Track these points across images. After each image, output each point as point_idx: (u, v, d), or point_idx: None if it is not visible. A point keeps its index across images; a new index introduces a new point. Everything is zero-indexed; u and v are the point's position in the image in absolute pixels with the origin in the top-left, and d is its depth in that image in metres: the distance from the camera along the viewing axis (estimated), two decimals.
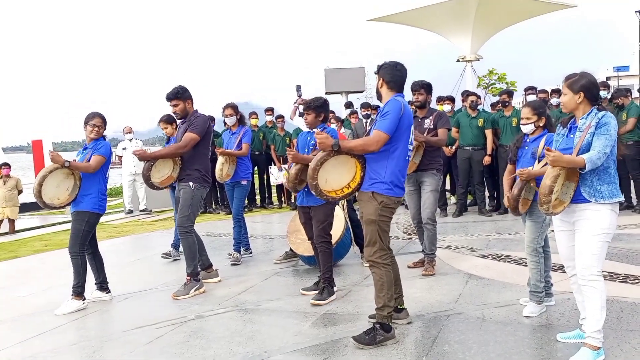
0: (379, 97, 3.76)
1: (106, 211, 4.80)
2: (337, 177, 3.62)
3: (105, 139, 4.92)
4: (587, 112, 3.18)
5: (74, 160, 4.82)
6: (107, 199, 5.48)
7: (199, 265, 5.25)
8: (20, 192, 10.36)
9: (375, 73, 3.77)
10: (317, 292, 4.67)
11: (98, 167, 4.75)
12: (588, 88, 3.16)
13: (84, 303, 4.79)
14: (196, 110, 5.14)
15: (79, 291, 4.77)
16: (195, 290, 4.97)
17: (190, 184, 5.00)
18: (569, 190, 3.17)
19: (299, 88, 6.31)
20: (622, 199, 3.18)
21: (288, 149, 4.75)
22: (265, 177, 10.57)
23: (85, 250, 4.81)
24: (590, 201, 3.12)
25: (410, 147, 3.67)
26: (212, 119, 9.34)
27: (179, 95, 5.04)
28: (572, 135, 3.23)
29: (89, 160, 4.74)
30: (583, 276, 3.17)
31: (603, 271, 4.80)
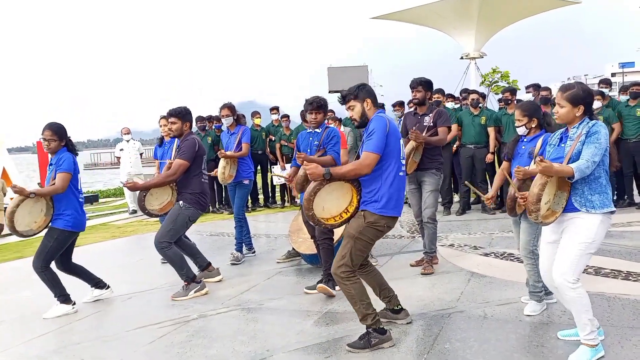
0: (364, 121, 3.58)
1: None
2: (335, 203, 3.53)
3: (68, 149, 4.70)
4: (579, 121, 3.15)
5: (38, 186, 4.68)
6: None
7: (197, 266, 5.29)
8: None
9: (353, 98, 3.60)
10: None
11: (66, 186, 4.55)
12: (588, 102, 3.13)
13: (73, 307, 4.72)
14: (190, 132, 5.17)
15: (62, 300, 4.71)
16: (195, 292, 4.97)
17: (180, 202, 5.01)
18: (561, 200, 3.14)
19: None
20: (613, 209, 3.13)
21: (298, 153, 4.75)
22: (269, 175, 10.57)
23: (48, 265, 4.65)
24: (581, 210, 3.10)
25: (403, 162, 3.59)
26: (217, 118, 9.24)
27: (180, 115, 5.10)
28: (563, 145, 3.21)
29: (54, 178, 4.56)
30: (559, 283, 3.13)
31: (606, 268, 4.84)
